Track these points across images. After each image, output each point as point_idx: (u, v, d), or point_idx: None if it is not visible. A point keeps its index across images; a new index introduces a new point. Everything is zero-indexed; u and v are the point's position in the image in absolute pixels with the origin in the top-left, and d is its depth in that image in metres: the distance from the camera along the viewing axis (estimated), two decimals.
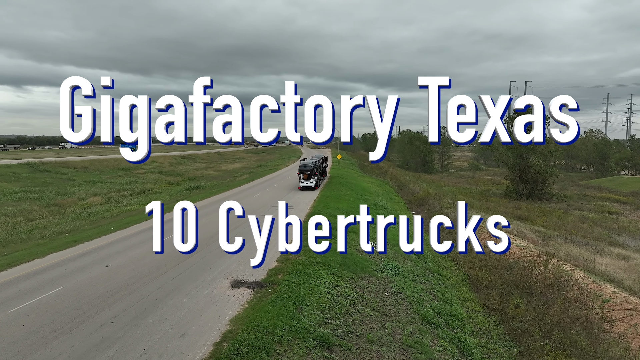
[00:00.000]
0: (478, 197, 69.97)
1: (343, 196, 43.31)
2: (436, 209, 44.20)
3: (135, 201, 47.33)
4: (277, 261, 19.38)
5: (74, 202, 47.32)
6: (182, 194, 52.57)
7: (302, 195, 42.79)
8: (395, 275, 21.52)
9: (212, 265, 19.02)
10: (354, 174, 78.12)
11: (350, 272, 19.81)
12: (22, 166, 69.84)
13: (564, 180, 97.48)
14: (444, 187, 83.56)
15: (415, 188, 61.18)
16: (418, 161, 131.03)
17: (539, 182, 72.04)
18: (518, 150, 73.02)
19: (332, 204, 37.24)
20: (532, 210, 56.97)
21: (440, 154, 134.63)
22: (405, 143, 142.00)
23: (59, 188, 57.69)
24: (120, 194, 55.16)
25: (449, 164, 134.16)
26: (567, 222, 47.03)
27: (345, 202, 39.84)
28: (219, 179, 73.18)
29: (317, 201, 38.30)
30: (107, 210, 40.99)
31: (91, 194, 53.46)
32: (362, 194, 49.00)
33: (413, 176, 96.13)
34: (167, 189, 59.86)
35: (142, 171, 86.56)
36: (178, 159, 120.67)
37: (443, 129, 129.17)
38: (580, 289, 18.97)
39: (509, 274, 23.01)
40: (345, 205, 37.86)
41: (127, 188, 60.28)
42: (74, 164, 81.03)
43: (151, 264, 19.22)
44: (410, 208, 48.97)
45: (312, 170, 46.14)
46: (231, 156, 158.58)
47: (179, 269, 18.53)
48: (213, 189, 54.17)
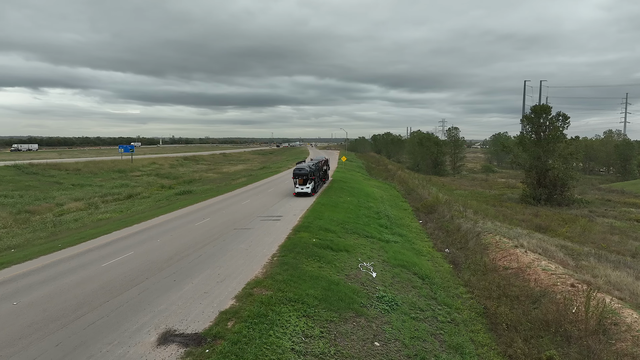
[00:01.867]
0: (492, 202, 64.99)
1: (341, 204, 38.76)
2: (446, 218, 39.48)
3: (115, 208, 43.33)
4: (236, 298, 14.93)
5: (49, 209, 43.44)
6: (169, 199, 48.51)
7: (296, 202, 38.34)
8: (391, 312, 16.95)
9: (150, 303, 14.62)
10: (359, 177, 73.48)
11: (332, 311, 15.29)
12: (8, 168, 66.41)
13: (584, 183, 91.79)
14: (456, 190, 78.62)
15: (424, 193, 56.38)
16: (429, 163, 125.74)
17: (558, 187, 66.69)
18: (535, 152, 67.83)
19: (327, 213, 32.74)
20: (552, 218, 51.87)
21: (452, 155, 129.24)
22: (415, 144, 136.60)
23: (41, 192, 53.99)
24: (105, 199, 51.26)
25: (461, 166, 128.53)
26: (593, 232, 41.98)
27: (342, 211, 35.30)
28: (215, 182, 69.08)
29: (310, 210, 33.80)
30: (78, 218, 36.98)
31: (73, 199, 49.63)
32: (365, 201, 44.41)
33: (423, 179, 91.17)
34: (157, 193, 55.85)
35: (138, 173, 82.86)
36: (180, 161, 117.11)
37: (455, 130, 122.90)
38: (635, 340, 14.26)
39: (535, 308, 18.32)
40: (341, 215, 33.32)
41: (115, 192, 56.42)
42: (67, 166, 77.56)
43: (73, 300, 14.90)
44: (417, 216, 44.24)
45: (307, 174, 41.65)
46: (236, 157, 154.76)
47: (105, 309, 14.16)
48: (204, 193, 49.98)
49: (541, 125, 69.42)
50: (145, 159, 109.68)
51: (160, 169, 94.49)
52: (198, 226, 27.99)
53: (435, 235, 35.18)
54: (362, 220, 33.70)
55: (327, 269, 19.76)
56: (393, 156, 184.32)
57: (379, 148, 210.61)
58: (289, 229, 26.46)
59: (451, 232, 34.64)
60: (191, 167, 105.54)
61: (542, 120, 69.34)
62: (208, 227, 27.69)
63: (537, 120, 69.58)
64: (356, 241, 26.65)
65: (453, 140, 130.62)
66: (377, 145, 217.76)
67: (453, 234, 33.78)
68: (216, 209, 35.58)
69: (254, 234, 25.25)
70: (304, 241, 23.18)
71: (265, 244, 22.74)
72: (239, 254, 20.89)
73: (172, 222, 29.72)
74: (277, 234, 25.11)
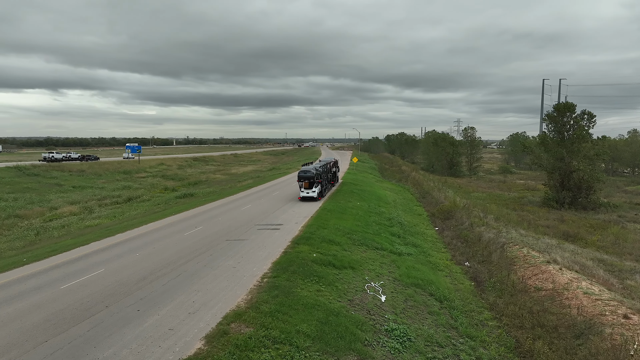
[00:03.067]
0: (512, 206, 61.10)
1: (350, 209, 35.53)
2: (465, 226, 36.03)
3: (109, 212, 40.74)
4: (206, 339, 11.84)
5: (41, 214, 41.01)
6: (167, 203, 45.82)
7: (300, 208, 35.23)
8: (403, 352, 13.74)
9: (96, 346, 11.60)
10: (371, 179, 70.13)
11: (329, 354, 12.13)
12: (8, 170, 64.49)
13: (609, 185, 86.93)
14: (473, 193, 74.80)
15: (439, 197, 52.82)
16: (444, 164, 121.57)
17: (583, 189, 62.47)
18: (558, 153, 63.71)
19: (333, 221, 29.55)
20: (579, 224, 47.95)
21: (468, 156, 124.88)
22: (430, 145, 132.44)
23: (38, 195, 51.74)
24: (103, 202, 48.78)
25: (478, 167, 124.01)
26: (628, 241, 38.10)
27: (350, 218, 32.08)
28: (221, 184, 66.37)
29: (315, 218, 30.64)
30: (66, 225, 34.40)
31: (69, 203, 47.24)
32: (376, 206, 41.11)
33: (438, 181, 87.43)
34: (158, 196, 53.27)
35: (144, 175, 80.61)
36: (189, 161, 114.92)
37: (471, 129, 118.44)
38: None
39: (581, 344, 14.94)
40: (349, 223, 30.10)
41: (115, 195, 53.97)
42: (70, 167, 75.59)
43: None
44: (433, 223, 40.79)
45: (313, 177, 38.50)
46: (247, 158, 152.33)
47: (34, 356, 11.17)
48: (205, 197, 47.21)
49: (565, 125, 65.31)
50: (153, 159, 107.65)
51: (168, 170, 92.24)
52: (187, 236, 25.04)
53: (454, 245, 31.77)
54: (371, 228, 30.45)
55: (327, 292, 16.60)
56: (407, 157, 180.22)
57: (393, 148, 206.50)
58: (287, 241, 23.34)
59: (471, 241, 31.21)
60: (200, 168, 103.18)
61: (565, 119, 65.24)
62: (198, 237, 24.72)
63: (561, 119, 65.47)
64: (364, 255, 23.44)
65: (469, 140, 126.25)
66: (391, 146, 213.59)
67: (473, 245, 30.34)
68: (212, 215, 32.66)
69: (247, 247, 22.18)
70: (303, 257, 20.05)
71: (257, 261, 19.65)
72: (223, 273, 17.84)
73: (161, 231, 26.83)
74: (272, 247, 22.02)
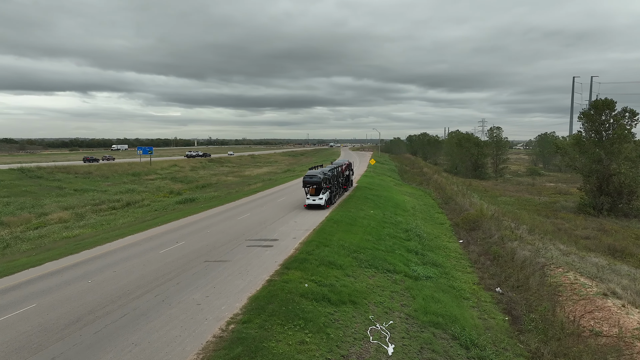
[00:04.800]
0: (544, 212, 55.71)
1: (361, 220, 31.13)
2: (494, 239, 31.24)
3: (99, 220, 37.40)
4: None
5: (27, 220, 37.90)
6: (165, 209, 42.25)
7: (303, 218, 31.01)
8: None
9: None
10: (390, 182, 65.42)
11: None
12: (11, 172, 62.13)
13: None
14: (499, 197, 69.41)
15: (464, 203, 47.82)
16: (468, 165, 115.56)
17: (624, 195, 56.59)
18: (596, 154, 57.92)
19: (339, 235, 25.22)
20: (624, 234, 42.45)
21: (494, 157, 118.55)
22: (453, 145, 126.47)
23: (33, 199, 48.89)
24: (99, 207, 45.56)
25: (504, 169, 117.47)
26: None
27: (360, 231, 27.67)
28: (230, 187, 62.72)
29: (318, 231, 26.32)
30: (44, 235, 31.10)
31: (62, 208, 44.13)
32: (392, 214, 36.59)
33: (462, 184, 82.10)
34: (160, 200, 49.85)
35: (153, 177, 77.69)
36: (204, 163, 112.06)
37: (497, 129, 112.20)
38: None
39: None
40: (358, 237, 25.71)
41: (115, 199, 50.77)
42: (76, 169, 73.08)
43: None
44: (456, 234, 36.03)
45: (320, 182, 34.21)
46: (264, 159, 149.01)
47: None
48: (206, 202, 43.47)
49: (603, 123, 59.45)
50: (166, 161, 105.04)
51: (179, 172, 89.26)
52: (161, 255, 21.10)
53: (481, 264, 27.05)
54: (384, 244, 26.00)
55: (314, 345, 12.33)
56: (429, 158, 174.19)
57: (415, 149, 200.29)
58: (277, 264, 19.13)
59: (502, 260, 26.44)
60: (213, 170, 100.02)
61: (604, 117, 59.38)
62: (173, 256, 20.74)
63: (598, 117, 59.60)
64: (371, 281, 19.07)
65: (495, 141, 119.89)
66: (413, 147, 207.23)
67: (505, 264, 25.59)
68: (203, 225, 28.72)
69: (225, 272, 18.06)
70: (290, 288, 15.82)
71: (230, 294, 15.50)
72: (182, 314, 13.74)
73: (135, 247, 22.96)
74: (256, 273, 17.84)
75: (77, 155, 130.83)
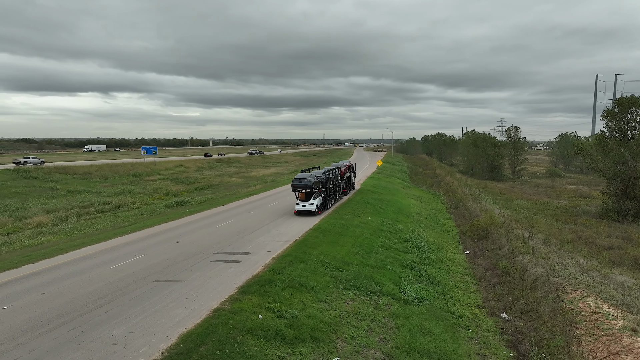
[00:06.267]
0: (563, 217, 51.69)
1: (353, 229, 27.92)
2: (503, 251, 27.78)
3: (76, 225, 35.13)
4: None
5: (3, 225, 35.76)
6: (153, 213, 39.72)
7: (289, 226, 27.95)
8: None
9: None
10: (397, 184, 61.95)
11: None
12: (6, 172, 60.43)
13: None
14: (516, 201, 65.29)
15: (474, 208, 44.15)
16: (484, 167, 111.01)
17: None
18: (620, 156, 53.62)
19: (322, 248, 22.11)
20: None
21: (511, 158, 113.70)
22: (469, 146, 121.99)
23: (19, 202, 46.91)
24: (86, 210, 43.28)
25: (522, 170, 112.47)
26: None
27: (348, 242, 24.48)
28: (230, 189, 60.10)
29: (299, 243, 23.22)
30: (9, 242, 28.75)
31: (46, 211, 41.95)
32: (391, 221, 33.31)
33: (477, 186, 78.09)
34: (151, 203, 47.42)
35: (154, 178, 75.57)
36: (211, 163, 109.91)
37: (515, 129, 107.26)
38: None
39: None
40: (344, 250, 22.55)
41: (106, 201, 48.53)
42: (75, 169, 71.26)
43: None
44: (463, 244, 32.57)
45: (311, 186, 31.10)
46: (275, 159, 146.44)
47: None
48: (196, 205, 40.85)
49: (629, 122, 55.06)
50: (172, 161, 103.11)
51: (183, 172, 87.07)
52: (111, 271, 18.29)
53: (487, 280, 23.67)
54: (375, 257, 22.79)
55: None
56: (445, 159, 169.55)
57: (430, 150, 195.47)
58: (235, 286, 16.12)
59: (511, 277, 23.01)
60: (219, 170, 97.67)
61: (630, 115, 55.00)
62: (122, 273, 17.91)
63: (623, 115, 55.21)
64: (348, 307, 15.93)
65: (513, 141, 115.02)
66: (429, 147, 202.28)
67: (514, 282, 22.17)
68: (176, 234, 25.91)
69: (170, 297, 15.12)
70: (237, 321, 12.80)
71: (161, 328, 12.53)
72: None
73: (87, 261, 20.21)
74: (205, 299, 14.85)
75: (89, 155, 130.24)
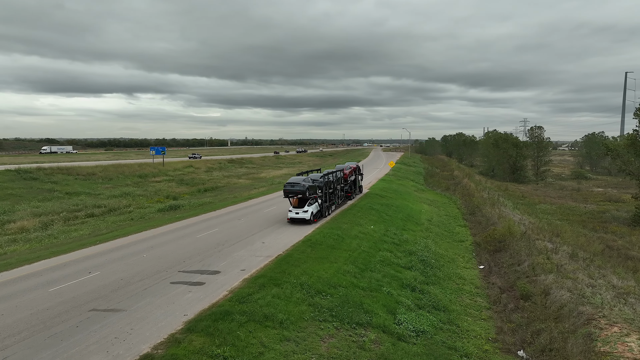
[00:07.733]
0: (591, 224, 47.38)
1: (350, 239, 24.60)
2: (523, 267, 24.17)
3: (61, 230, 33.05)
4: None
5: None
6: (143, 218, 37.14)
7: (278, 236, 24.79)
8: None
9: None
10: (410, 188, 58.22)
11: None
12: (7, 173, 58.80)
13: None
14: (538, 205, 60.90)
15: (492, 214, 40.26)
16: (506, 168, 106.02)
17: None
18: None
19: (307, 265, 18.90)
20: None
21: (534, 158, 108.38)
22: (490, 146, 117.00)
23: (11, 204, 44.95)
24: (75, 214, 40.98)
25: (546, 172, 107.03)
26: None
27: (341, 256, 21.19)
28: (233, 192, 57.41)
29: (281, 259, 20.02)
30: None
31: (34, 215, 39.81)
32: (397, 230, 29.88)
33: (497, 188, 73.79)
34: (147, 206, 44.94)
35: (160, 179, 73.38)
36: (223, 164, 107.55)
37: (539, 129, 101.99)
38: None
39: None
40: (334, 267, 19.29)
41: (100, 204, 46.20)
42: (79, 170, 69.46)
43: None
44: (477, 256, 28.94)
45: (305, 192, 27.87)
46: (289, 160, 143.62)
47: None
48: (189, 210, 38.13)
49: None
50: (181, 162, 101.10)
51: (192, 173, 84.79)
52: (50, 294, 15.44)
53: (503, 304, 20.15)
54: (369, 276, 19.46)
55: None
56: (465, 159, 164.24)
57: (450, 150, 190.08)
58: (184, 319, 13.04)
59: (531, 301, 19.46)
60: (229, 171, 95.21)
61: None
62: (61, 298, 15.04)
63: None
64: (322, 348, 12.69)
65: (536, 142, 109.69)
66: (448, 147, 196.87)
67: (535, 309, 18.62)
68: (147, 246, 23.05)
69: (94, 337, 12.11)
70: None
71: None
72: None
73: (29, 280, 17.42)
74: (138, 340, 11.81)
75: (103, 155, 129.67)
